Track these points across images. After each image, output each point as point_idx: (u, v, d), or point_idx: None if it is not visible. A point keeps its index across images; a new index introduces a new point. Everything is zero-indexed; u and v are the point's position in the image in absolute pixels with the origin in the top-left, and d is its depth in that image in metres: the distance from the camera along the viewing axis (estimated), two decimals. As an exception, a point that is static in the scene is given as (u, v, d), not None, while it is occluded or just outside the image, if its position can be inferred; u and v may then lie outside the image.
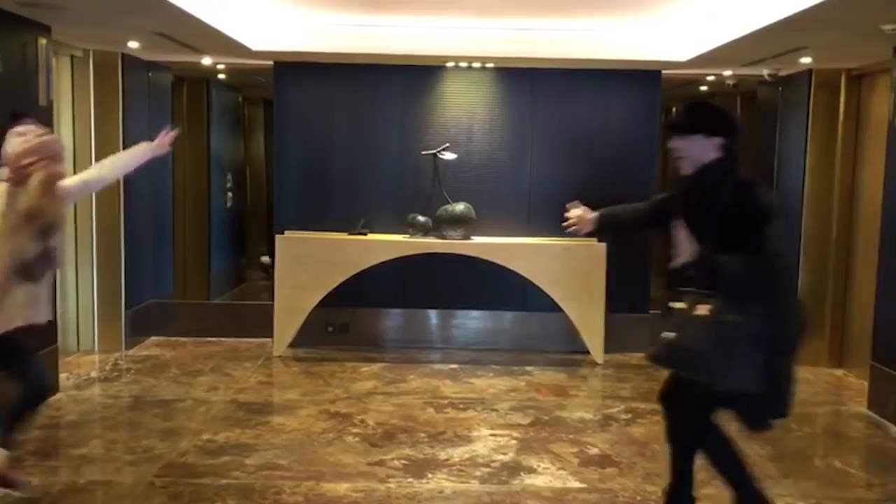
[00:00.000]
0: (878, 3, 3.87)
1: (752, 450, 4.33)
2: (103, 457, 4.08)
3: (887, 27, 4.31)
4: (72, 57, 5.79)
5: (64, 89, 5.77)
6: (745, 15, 4.62)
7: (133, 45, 5.64)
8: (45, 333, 4.92)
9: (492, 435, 4.51)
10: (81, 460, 4.01)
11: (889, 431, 4.74)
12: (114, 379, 5.49)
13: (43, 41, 4.79)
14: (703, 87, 7.48)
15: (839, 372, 6.05)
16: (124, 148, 6.00)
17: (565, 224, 3.55)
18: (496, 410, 4.95)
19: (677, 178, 3.14)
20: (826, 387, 5.70)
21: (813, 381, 5.82)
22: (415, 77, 6.35)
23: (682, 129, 3.05)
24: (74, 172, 5.80)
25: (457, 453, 4.21)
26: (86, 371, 5.63)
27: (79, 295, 6.03)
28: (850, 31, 4.51)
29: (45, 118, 4.97)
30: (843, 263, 6.09)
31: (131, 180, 6.15)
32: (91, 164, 5.94)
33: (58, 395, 5.00)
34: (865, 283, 5.60)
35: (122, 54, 5.95)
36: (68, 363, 5.69)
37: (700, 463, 3.15)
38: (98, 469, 3.90)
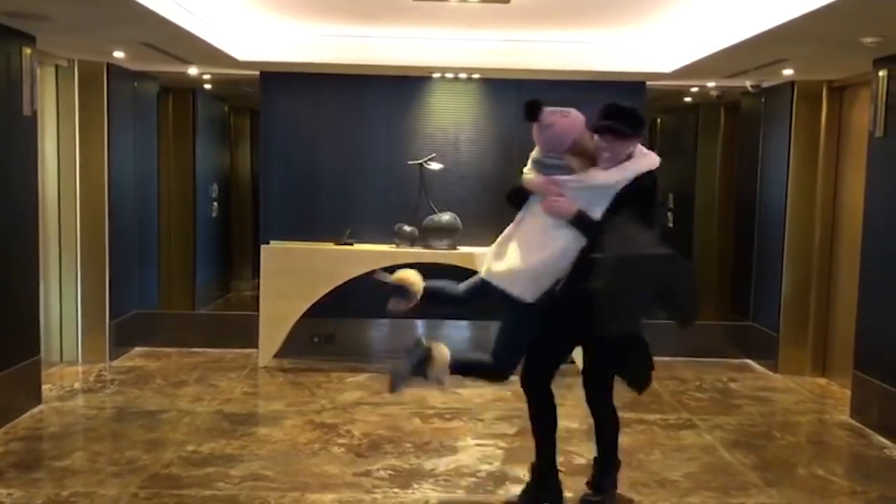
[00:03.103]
0: (857, 17, 3.93)
1: (736, 458, 4.37)
2: (87, 468, 4.05)
3: (867, 40, 4.37)
4: (56, 66, 5.77)
5: (48, 99, 5.75)
6: (728, 27, 4.67)
7: (119, 55, 5.63)
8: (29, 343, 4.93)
9: (478, 445, 4.52)
10: (64, 472, 3.98)
11: (872, 440, 4.78)
12: (97, 390, 5.46)
13: (27, 51, 4.77)
14: (687, 99, 7.55)
15: (822, 380, 6.10)
16: (109, 159, 6.03)
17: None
18: (482, 420, 4.95)
19: None
20: (809, 395, 5.74)
21: (796, 389, 5.87)
22: (401, 88, 6.37)
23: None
24: (60, 184, 5.87)
25: (442, 463, 4.21)
26: (69, 382, 5.60)
27: (62, 305, 5.99)
28: (831, 44, 4.57)
29: (30, 128, 4.96)
30: (826, 273, 6.15)
31: (116, 189, 6.14)
32: (76, 174, 5.95)
33: (40, 407, 4.97)
34: (848, 293, 5.65)
35: (108, 64, 5.93)
36: (51, 374, 5.65)
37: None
38: (81, 481, 3.87)
